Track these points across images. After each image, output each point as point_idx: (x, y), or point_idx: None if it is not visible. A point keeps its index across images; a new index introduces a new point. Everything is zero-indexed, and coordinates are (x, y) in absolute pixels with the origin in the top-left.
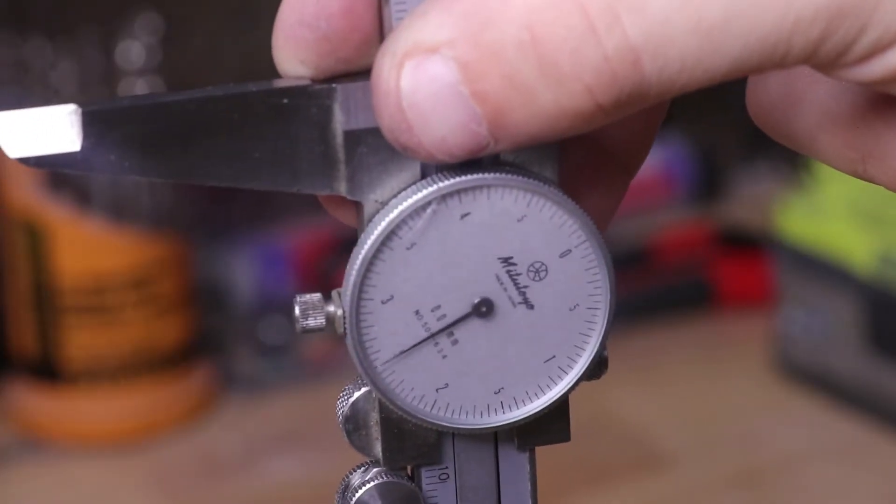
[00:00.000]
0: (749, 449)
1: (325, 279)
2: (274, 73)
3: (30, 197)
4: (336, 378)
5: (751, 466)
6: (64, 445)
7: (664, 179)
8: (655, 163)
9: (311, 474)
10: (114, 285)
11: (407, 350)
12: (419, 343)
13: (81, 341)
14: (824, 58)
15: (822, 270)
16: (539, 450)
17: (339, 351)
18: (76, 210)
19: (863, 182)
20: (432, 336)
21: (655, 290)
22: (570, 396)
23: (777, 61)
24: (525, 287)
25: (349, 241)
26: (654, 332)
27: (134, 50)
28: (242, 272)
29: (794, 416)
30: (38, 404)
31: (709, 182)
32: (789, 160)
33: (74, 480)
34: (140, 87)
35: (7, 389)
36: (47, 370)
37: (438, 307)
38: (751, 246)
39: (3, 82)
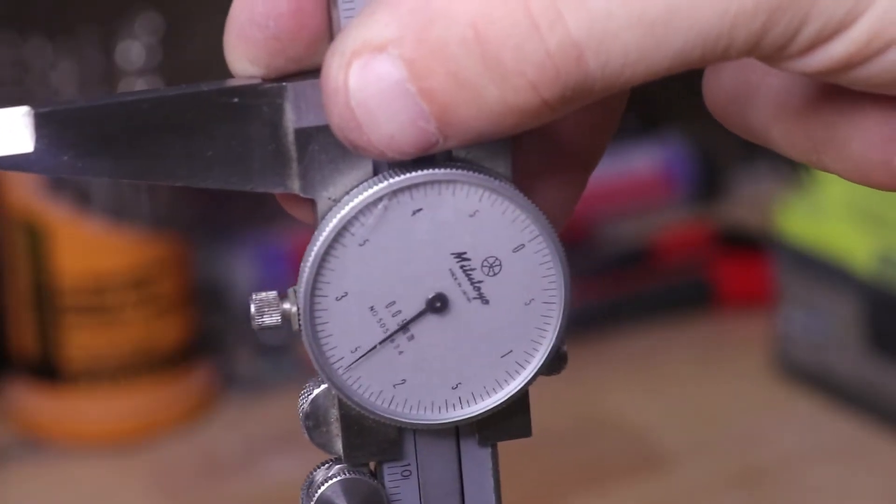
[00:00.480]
0: (749, 449)
1: None
2: None
3: (30, 197)
4: None
5: (751, 466)
6: (64, 445)
7: (664, 179)
8: (655, 163)
9: None
10: (114, 285)
11: (366, 353)
12: (378, 345)
13: (81, 341)
14: (767, 50)
15: (822, 270)
16: (538, 450)
17: None
18: (76, 210)
19: None
20: (390, 337)
21: (655, 290)
22: (570, 395)
23: (720, 54)
24: (479, 282)
25: None
26: (654, 332)
27: (134, 50)
28: (242, 272)
29: (794, 416)
30: (38, 404)
31: (709, 182)
32: (789, 160)
33: (74, 480)
34: (140, 87)
35: (7, 389)
36: (47, 370)
37: (393, 303)
38: (751, 246)
39: (3, 82)
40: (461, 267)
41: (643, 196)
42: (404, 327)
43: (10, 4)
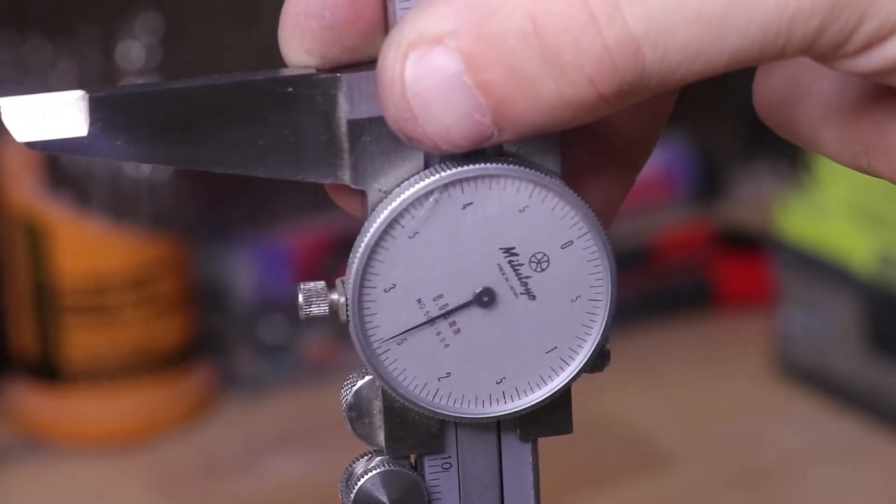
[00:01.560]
0: (749, 449)
1: (325, 279)
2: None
3: (30, 197)
4: (336, 378)
5: (751, 466)
6: (64, 445)
7: (664, 179)
8: (655, 163)
9: (311, 474)
10: (114, 285)
11: (405, 332)
12: (418, 326)
13: (81, 341)
14: (823, 48)
15: (822, 270)
16: (539, 449)
17: (338, 351)
18: (76, 210)
19: (863, 182)
20: (432, 321)
21: (655, 290)
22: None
23: (777, 52)
24: (527, 277)
25: (349, 241)
26: (654, 332)
27: (134, 50)
28: (242, 272)
29: (794, 416)
30: (38, 404)
31: (709, 182)
32: (789, 160)
33: (74, 480)
34: None
35: (7, 389)
36: (47, 370)
37: (440, 296)
38: (751, 246)
39: (3, 82)
40: (509, 262)
41: (643, 196)
42: (449, 316)
43: (10, 4)
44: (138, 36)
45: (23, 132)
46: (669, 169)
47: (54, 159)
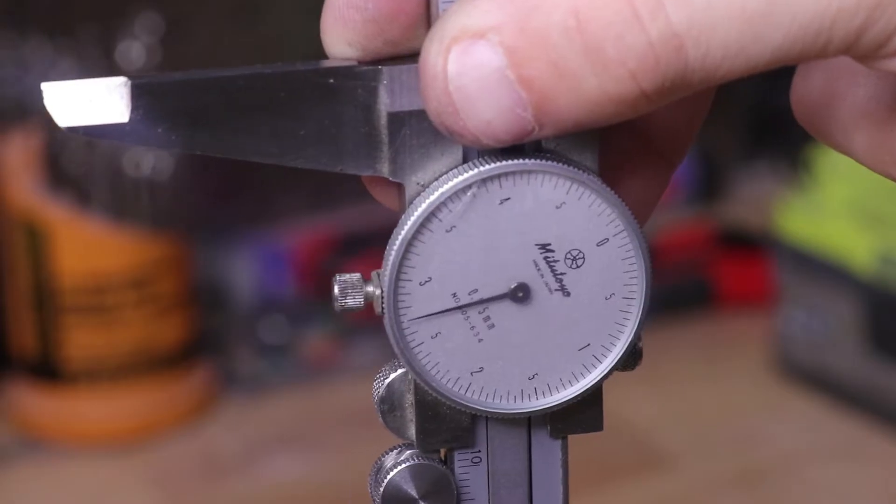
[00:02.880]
0: (749, 449)
1: (325, 279)
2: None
3: (30, 197)
4: (336, 378)
5: (751, 466)
6: (64, 445)
7: None
8: None
9: (311, 474)
10: (114, 285)
11: (434, 314)
12: (448, 311)
13: (81, 341)
14: (865, 48)
15: (822, 270)
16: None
17: (338, 351)
18: (76, 210)
19: (863, 182)
20: (466, 314)
21: (655, 290)
22: None
23: (818, 51)
24: (562, 274)
25: (349, 241)
26: (654, 332)
27: (134, 50)
28: (242, 272)
29: (794, 415)
30: (38, 404)
31: (709, 182)
32: (789, 160)
33: (74, 480)
34: None
35: (7, 389)
36: (47, 370)
37: (476, 290)
38: (751, 246)
39: (4, 82)
40: (545, 258)
41: None
42: (481, 307)
43: (10, 4)
44: (138, 36)
45: (65, 117)
46: None
47: (54, 159)
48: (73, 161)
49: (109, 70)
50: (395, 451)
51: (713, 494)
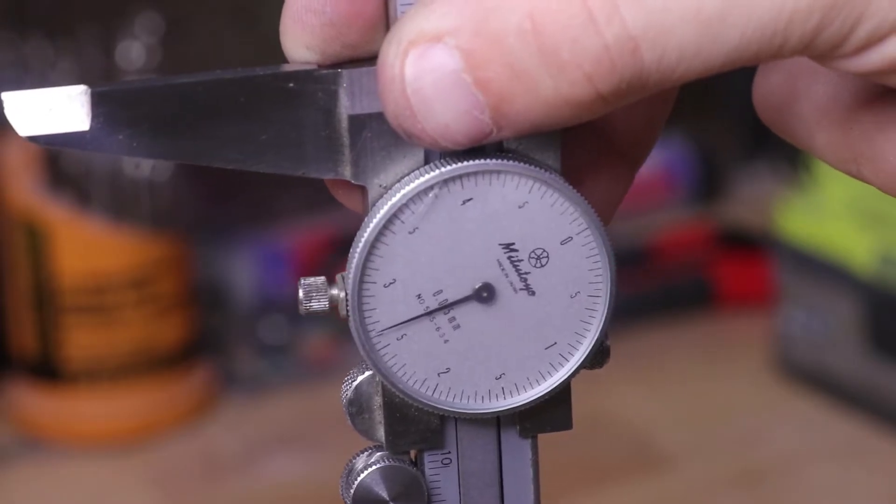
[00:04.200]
0: (749, 449)
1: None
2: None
3: (30, 197)
4: (336, 378)
5: (751, 466)
6: (64, 445)
7: (664, 179)
8: (655, 163)
9: (311, 474)
10: (114, 285)
11: (402, 323)
12: (416, 318)
13: (81, 341)
14: (821, 48)
15: (822, 270)
16: (539, 449)
17: (338, 351)
18: (76, 210)
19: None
20: (431, 315)
21: (655, 290)
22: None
23: (774, 52)
24: (526, 273)
25: (349, 241)
26: (654, 332)
27: (134, 50)
28: (242, 272)
29: (794, 416)
30: (38, 404)
31: (709, 182)
32: (789, 160)
33: (74, 480)
34: None
35: (7, 389)
36: (47, 370)
37: (440, 291)
38: (751, 246)
39: (3, 82)
40: (509, 258)
41: (643, 196)
42: (447, 310)
43: (10, 4)
44: (138, 36)
45: (25, 126)
46: (669, 169)
47: (54, 159)
48: (73, 161)
49: (109, 70)
50: (365, 454)
51: (713, 494)
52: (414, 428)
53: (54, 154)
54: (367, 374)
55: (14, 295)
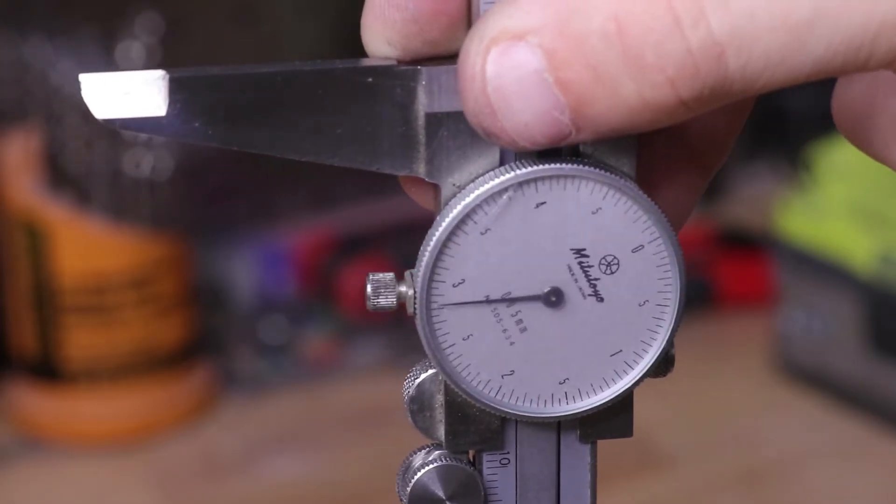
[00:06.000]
0: (749, 449)
1: (326, 279)
2: None
3: (30, 197)
4: (336, 378)
5: (751, 466)
6: (64, 445)
7: None
8: None
9: (311, 474)
10: (114, 285)
11: (465, 303)
12: (479, 303)
13: (81, 341)
14: None
15: (822, 270)
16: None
17: (338, 351)
18: (76, 210)
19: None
20: (492, 303)
21: None
22: None
23: (860, 64)
24: (596, 279)
25: (349, 241)
26: None
27: (134, 50)
28: (242, 272)
29: (794, 416)
30: (38, 404)
31: (709, 182)
32: (789, 160)
33: (74, 480)
34: None
35: (7, 389)
36: (47, 370)
37: (509, 293)
38: (751, 246)
39: (4, 82)
40: (579, 263)
41: None
42: (511, 300)
43: (10, 4)
44: (138, 36)
45: (101, 109)
46: None
47: (54, 159)
48: (73, 161)
49: (109, 70)
50: (423, 451)
51: (713, 494)
52: (474, 428)
53: (54, 154)
54: (431, 372)
55: (14, 295)
